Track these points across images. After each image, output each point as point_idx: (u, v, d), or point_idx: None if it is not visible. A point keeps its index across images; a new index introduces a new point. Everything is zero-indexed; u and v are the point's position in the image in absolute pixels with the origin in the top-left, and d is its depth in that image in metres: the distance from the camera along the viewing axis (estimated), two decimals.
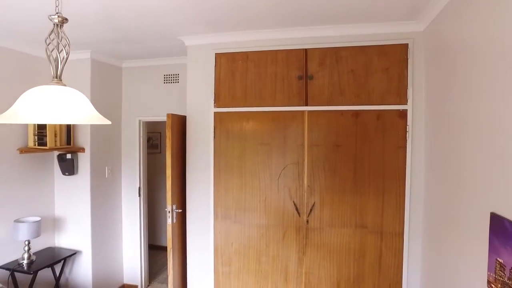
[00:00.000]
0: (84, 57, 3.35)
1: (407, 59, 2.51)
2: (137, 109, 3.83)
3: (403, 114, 2.54)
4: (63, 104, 1.27)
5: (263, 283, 2.84)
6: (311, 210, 2.71)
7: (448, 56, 1.99)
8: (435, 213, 2.24)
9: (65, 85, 1.37)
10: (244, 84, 2.84)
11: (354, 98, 2.62)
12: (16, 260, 3.05)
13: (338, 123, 2.66)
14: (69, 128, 3.32)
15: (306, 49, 2.71)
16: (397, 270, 2.60)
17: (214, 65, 2.89)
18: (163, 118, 3.58)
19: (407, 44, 2.51)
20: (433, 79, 2.29)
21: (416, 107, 2.52)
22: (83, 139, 3.44)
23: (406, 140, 2.54)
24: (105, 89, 3.59)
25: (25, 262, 3.00)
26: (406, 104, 2.53)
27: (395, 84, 2.55)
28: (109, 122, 1.48)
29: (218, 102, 2.89)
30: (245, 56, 2.85)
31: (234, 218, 2.88)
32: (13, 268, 2.93)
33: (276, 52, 2.78)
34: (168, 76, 3.72)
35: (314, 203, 2.70)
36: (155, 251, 5.05)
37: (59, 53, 1.42)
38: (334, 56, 2.65)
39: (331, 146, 2.67)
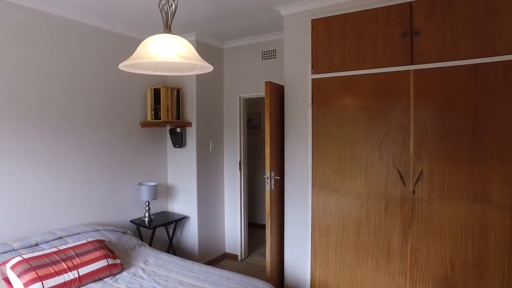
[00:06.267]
0: (190, 39, 3.69)
1: None
2: (237, 87, 4.04)
3: None
4: (175, 47, 1.42)
5: (363, 257, 2.70)
6: (418, 179, 2.45)
7: None
8: None
9: (174, 34, 1.53)
10: (341, 48, 2.73)
11: (472, 50, 2.26)
12: (140, 218, 3.57)
13: (450, 81, 2.34)
14: (178, 104, 3.70)
15: (410, 2, 2.45)
16: None
17: (310, 32, 2.86)
18: (262, 94, 3.71)
19: None
20: None
21: None
22: (190, 114, 3.79)
23: None
24: None
25: (146, 219, 3.48)
26: None
27: None
28: (211, 68, 1.60)
29: (315, 68, 2.85)
30: (342, 19, 2.73)
31: (332, 187, 2.80)
32: (138, 223, 3.45)
33: (375, 10, 2.59)
34: (265, 53, 3.82)
35: (421, 171, 2.44)
36: (254, 228, 5.27)
37: (169, 7, 1.60)
38: (445, 5, 2.34)
39: (442, 107, 2.37)
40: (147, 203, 3.49)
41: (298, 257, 3.00)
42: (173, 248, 3.76)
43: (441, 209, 2.39)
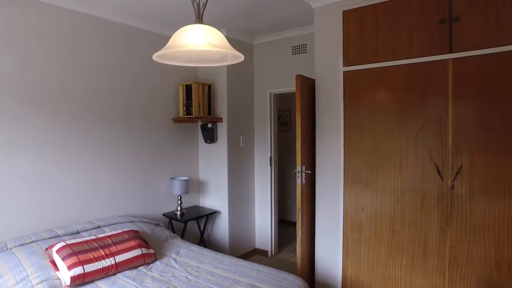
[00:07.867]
0: None
1: None
2: (268, 82, 4.04)
3: None
4: (207, 36, 1.44)
5: (397, 254, 2.60)
6: (457, 173, 2.33)
7: None
8: None
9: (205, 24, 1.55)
10: (374, 39, 2.65)
11: None
12: (173, 211, 3.67)
13: (494, 69, 2.20)
14: (209, 100, 3.76)
15: None
16: None
17: (341, 24, 2.80)
18: (292, 89, 3.69)
19: None
20: None
21: None
22: (221, 110, 3.83)
23: None
24: (239, 65, 3.90)
25: (178, 213, 3.56)
26: None
27: None
28: (242, 57, 1.60)
29: (347, 61, 2.78)
30: (374, 9, 2.65)
31: (365, 181, 2.72)
32: (170, 216, 3.54)
33: None
34: (296, 48, 3.79)
35: (461, 165, 2.31)
36: (284, 225, 5.26)
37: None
38: None
39: (485, 97, 2.23)
40: (179, 197, 3.58)
41: (329, 253, 2.95)
42: (204, 241, 3.82)
43: (484, 206, 2.26)
